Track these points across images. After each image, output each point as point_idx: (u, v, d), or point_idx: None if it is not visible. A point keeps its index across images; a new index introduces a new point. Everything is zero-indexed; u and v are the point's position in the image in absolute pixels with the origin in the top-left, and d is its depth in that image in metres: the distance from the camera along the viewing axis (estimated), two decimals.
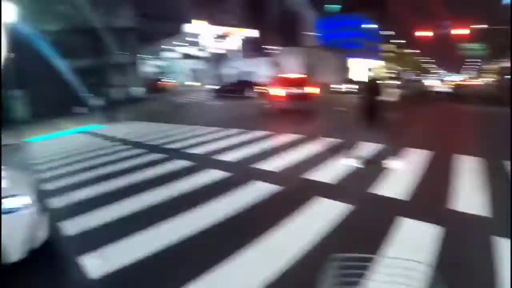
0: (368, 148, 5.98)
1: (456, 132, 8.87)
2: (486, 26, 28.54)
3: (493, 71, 48.24)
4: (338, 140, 7.15)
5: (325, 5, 71.88)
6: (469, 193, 4.01)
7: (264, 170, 5.35)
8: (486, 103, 15.62)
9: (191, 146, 7.75)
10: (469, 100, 17.30)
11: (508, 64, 34.49)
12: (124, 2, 25.80)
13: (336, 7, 72.29)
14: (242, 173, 5.26)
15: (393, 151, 5.45)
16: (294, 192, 4.34)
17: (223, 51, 39.35)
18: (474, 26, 27.61)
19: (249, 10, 49.18)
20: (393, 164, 5.17)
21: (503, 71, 38.57)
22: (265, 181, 4.74)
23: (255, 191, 4.34)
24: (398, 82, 31.43)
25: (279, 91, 12.07)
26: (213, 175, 5.25)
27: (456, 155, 5.74)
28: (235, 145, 7.46)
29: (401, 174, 4.81)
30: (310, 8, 52.25)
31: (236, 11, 47.58)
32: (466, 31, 25.15)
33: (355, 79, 33.56)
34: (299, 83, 12.38)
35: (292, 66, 34.87)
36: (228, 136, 8.62)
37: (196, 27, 34.29)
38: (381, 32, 67.52)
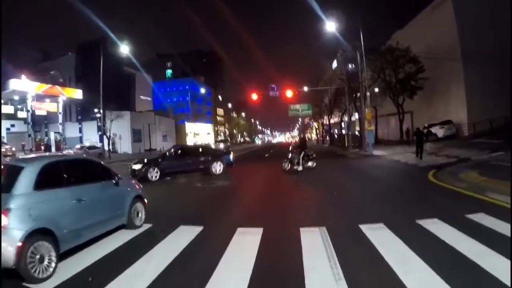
0: None
1: None
2: (308, 88, 30.92)
3: (316, 127, 57.20)
4: None
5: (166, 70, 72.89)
6: None
7: None
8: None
9: None
10: None
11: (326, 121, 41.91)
12: None
13: (168, 71, 75.22)
14: None
15: None
16: None
17: (43, 112, 31.87)
18: (306, 89, 30.23)
19: (81, 69, 45.50)
20: None
21: (324, 126, 45.55)
22: None
23: None
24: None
25: None
26: None
27: None
28: None
29: None
30: (145, 72, 53.34)
31: (64, 69, 43.61)
32: (291, 93, 25.48)
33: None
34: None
35: (120, 130, 33.84)
36: None
37: (19, 83, 26.80)
38: (212, 96, 72.49)
